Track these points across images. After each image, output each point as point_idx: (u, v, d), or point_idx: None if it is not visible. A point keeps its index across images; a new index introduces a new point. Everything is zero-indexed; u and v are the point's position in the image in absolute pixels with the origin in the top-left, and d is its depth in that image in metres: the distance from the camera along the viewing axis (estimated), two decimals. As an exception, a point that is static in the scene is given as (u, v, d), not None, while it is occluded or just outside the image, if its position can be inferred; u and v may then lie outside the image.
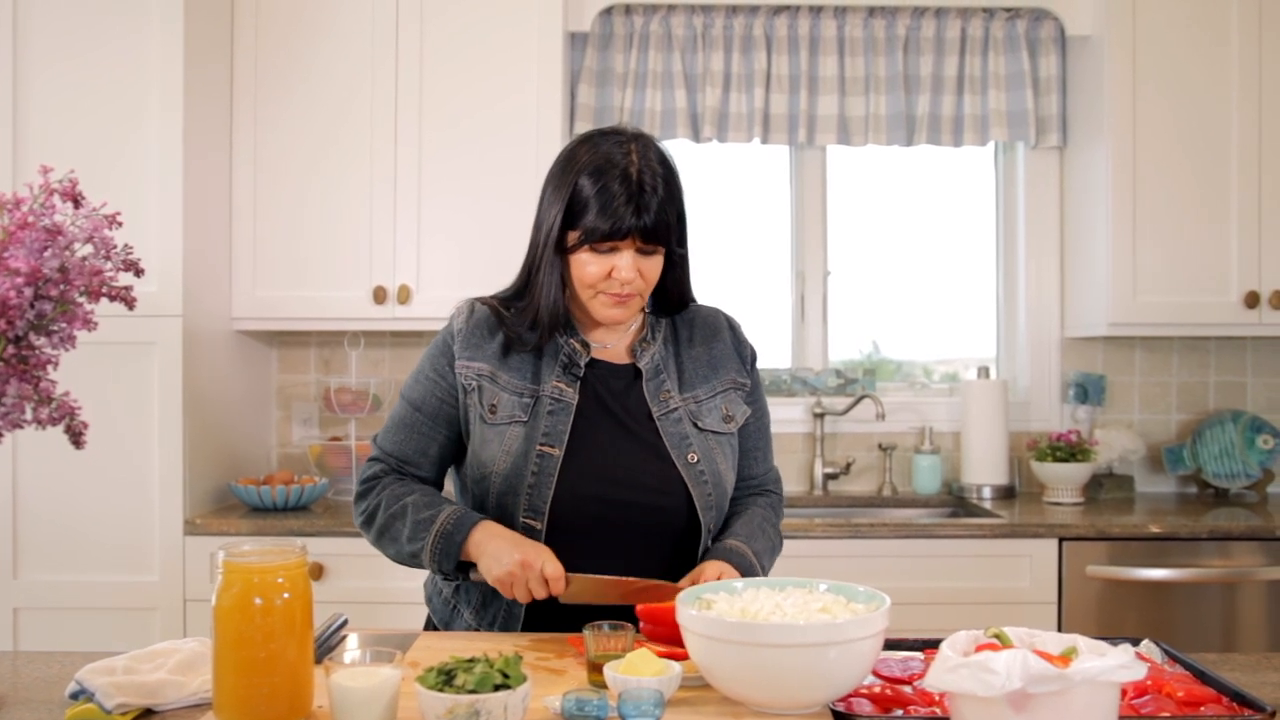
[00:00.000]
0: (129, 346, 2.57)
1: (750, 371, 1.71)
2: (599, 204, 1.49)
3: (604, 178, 1.49)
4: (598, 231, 1.49)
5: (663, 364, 1.64)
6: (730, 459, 1.63)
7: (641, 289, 1.55)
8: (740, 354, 1.70)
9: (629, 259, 1.51)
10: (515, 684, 1.09)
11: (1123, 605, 2.61)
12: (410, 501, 1.55)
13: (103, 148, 2.60)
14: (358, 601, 2.56)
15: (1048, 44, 3.19)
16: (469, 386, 1.59)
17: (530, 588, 1.43)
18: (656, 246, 1.53)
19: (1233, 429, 3.11)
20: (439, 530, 1.50)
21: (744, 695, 1.14)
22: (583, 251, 1.52)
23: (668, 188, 1.52)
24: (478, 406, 1.58)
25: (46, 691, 1.30)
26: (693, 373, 1.65)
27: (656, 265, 1.56)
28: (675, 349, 1.67)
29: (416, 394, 1.63)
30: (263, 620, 1.10)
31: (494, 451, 1.55)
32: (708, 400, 1.63)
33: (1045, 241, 3.29)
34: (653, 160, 1.52)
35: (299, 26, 2.89)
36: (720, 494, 1.60)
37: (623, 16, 3.17)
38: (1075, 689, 0.99)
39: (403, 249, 2.88)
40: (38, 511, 2.58)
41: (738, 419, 1.65)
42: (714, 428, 1.61)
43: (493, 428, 1.56)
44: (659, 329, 1.67)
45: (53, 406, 1.11)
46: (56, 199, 1.13)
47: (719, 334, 1.70)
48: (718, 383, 1.65)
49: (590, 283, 1.54)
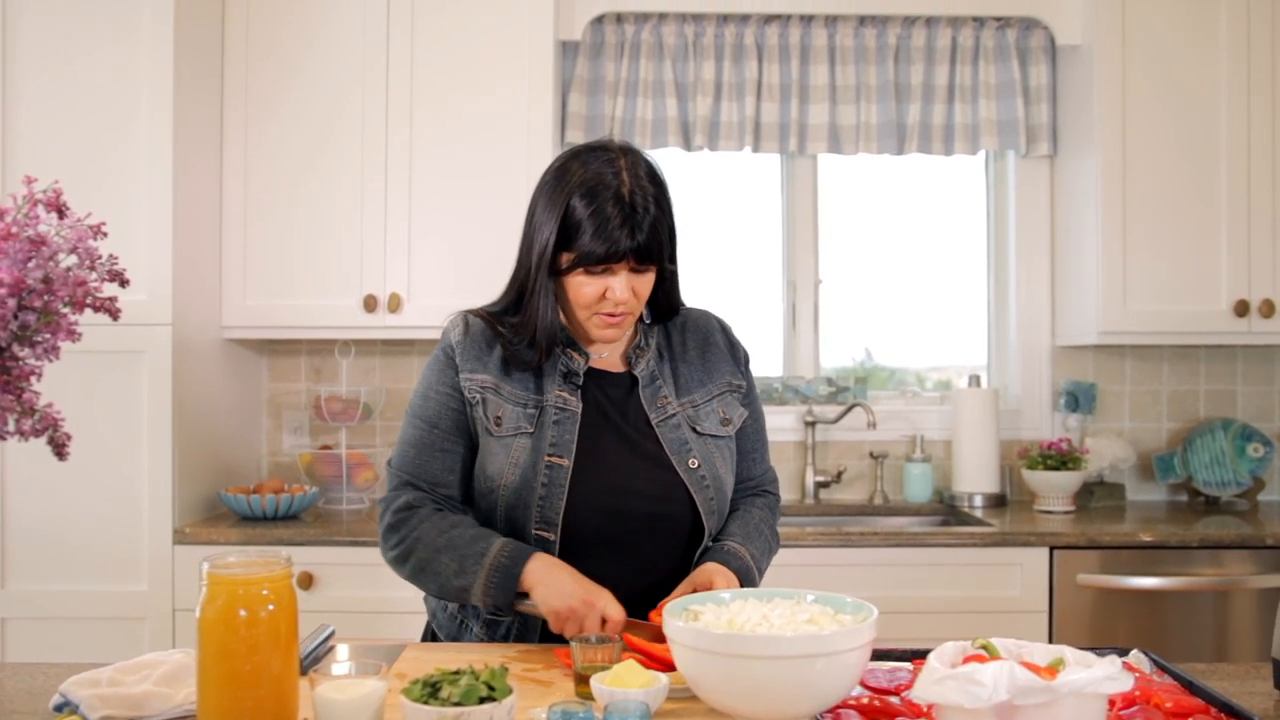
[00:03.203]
0: (119, 355, 2.57)
1: (744, 373, 1.71)
2: (593, 226, 1.47)
3: (597, 199, 1.47)
4: (593, 255, 1.48)
5: (658, 370, 1.64)
6: (729, 462, 1.63)
7: (635, 308, 1.55)
8: (734, 356, 1.70)
9: (623, 280, 1.51)
10: (501, 696, 1.08)
11: (1114, 614, 2.61)
12: (455, 535, 1.51)
13: (92, 156, 2.59)
14: (348, 611, 2.56)
15: (1038, 53, 3.20)
16: (473, 400, 1.58)
17: (585, 625, 1.41)
18: (650, 265, 1.53)
19: (1223, 437, 3.12)
20: (493, 564, 1.46)
21: (731, 707, 1.14)
22: (577, 274, 1.51)
23: (659, 205, 1.52)
24: (483, 419, 1.57)
25: (30, 703, 1.29)
26: (688, 378, 1.65)
27: (649, 282, 1.56)
28: (669, 355, 1.67)
29: (430, 411, 1.59)
30: (247, 632, 1.09)
31: (501, 464, 1.55)
32: (705, 405, 1.63)
33: (1036, 250, 3.30)
34: (643, 178, 1.51)
35: (289, 35, 2.89)
36: (721, 497, 1.60)
37: (614, 25, 3.18)
38: (1062, 701, 1.00)
39: (393, 258, 2.88)
40: (25, 520, 2.57)
41: (735, 421, 1.65)
42: (712, 431, 1.61)
43: (498, 440, 1.56)
44: (652, 336, 1.67)
45: (36, 418, 1.11)
46: (41, 209, 1.12)
47: (711, 337, 1.70)
48: (713, 386, 1.65)
49: (585, 304, 1.53)
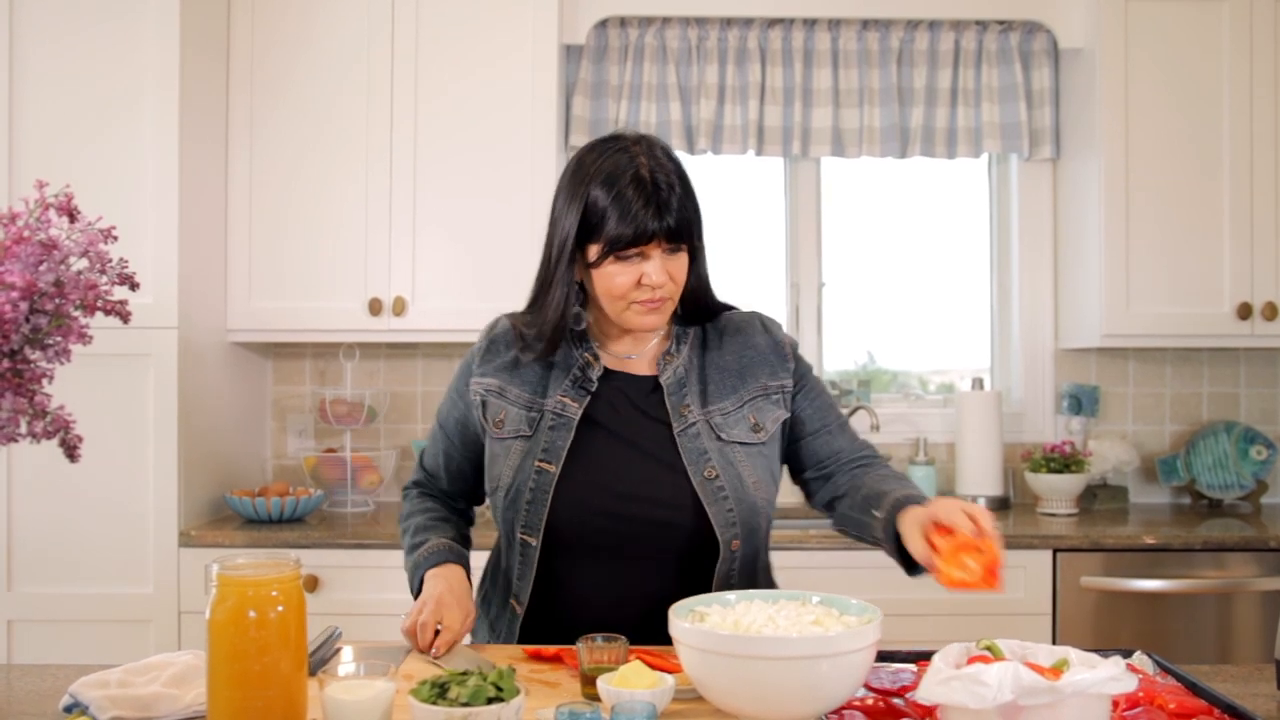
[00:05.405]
0: (124, 358, 2.58)
1: (790, 366, 1.62)
2: (617, 211, 1.45)
3: (617, 184, 1.45)
4: (622, 239, 1.45)
5: (686, 376, 1.58)
6: (764, 469, 1.56)
7: (673, 292, 1.52)
8: (776, 354, 1.62)
9: (657, 263, 1.47)
10: (509, 697, 1.09)
11: (1117, 616, 2.61)
12: (412, 522, 1.68)
13: (98, 159, 2.60)
14: (353, 614, 2.56)
15: (1040, 56, 3.20)
16: (475, 402, 1.61)
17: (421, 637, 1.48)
18: (681, 245, 1.50)
19: (1226, 440, 3.12)
20: (414, 561, 1.62)
21: (736, 708, 1.14)
22: (608, 264, 1.48)
23: (683, 183, 1.50)
24: (486, 422, 1.60)
25: (40, 705, 1.30)
26: (718, 383, 1.58)
27: (683, 264, 1.52)
28: (701, 359, 1.60)
29: (442, 411, 1.70)
30: (257, 633, 1.10)
31: (500, 467, 1.56)
32: (735, 412, 1.56)
33: (1039, 253, 3.30)
34: (661, 158, 1.50)
35: (294, 40, 2.90)
36: (747, 509, 1.52)
37: (618, 29, 3.18)
38: (1066, 701, 1.00)
39: (398, 261, 2.89)
40: (32, 523, 2.58)
41: (768, 427, 1.57)
42: (741, 439, 1.55)
43: (500, 443, 1.58)
44: (685, 339, 1.61)
45: (48, 420, 1.11)
46: (52, 213, 1.13)
47: (751, 339, 1.62)
48: (745, 391, 1.58)
49: (621, 293, 1.49)
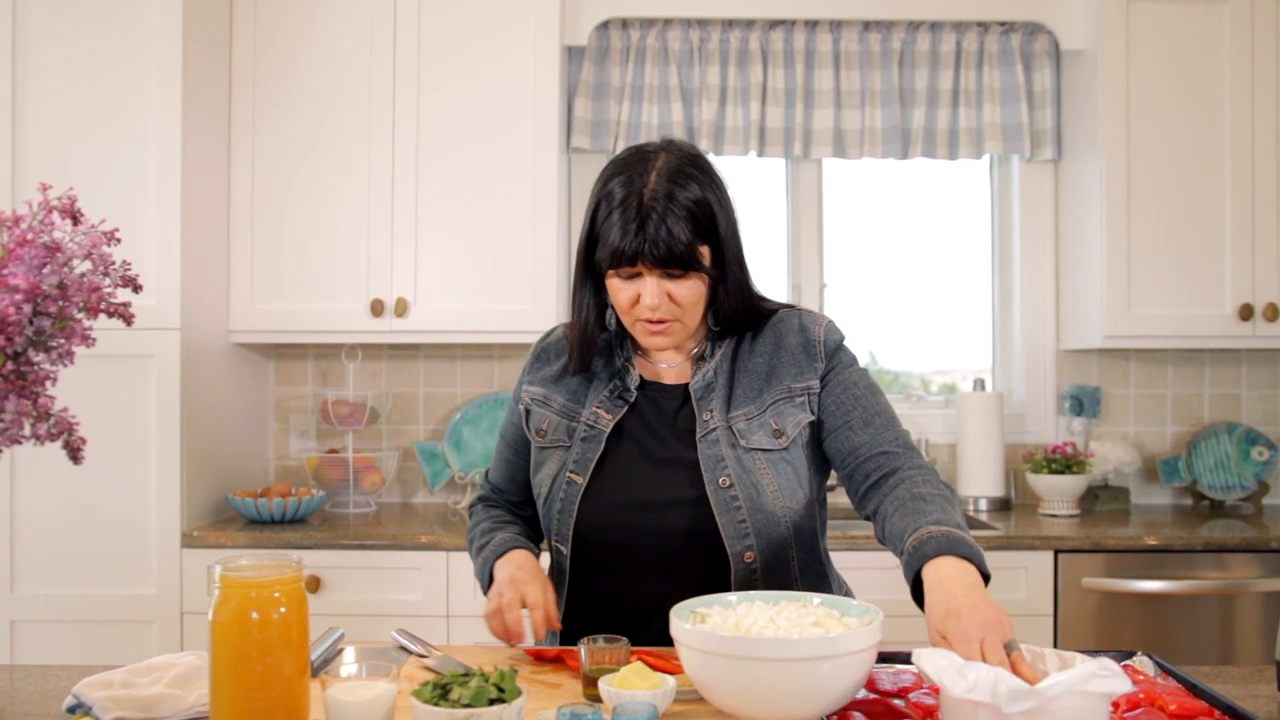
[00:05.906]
0: (127, 359, 2.58)
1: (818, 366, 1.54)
2: (610, 228, 1.43)
3: (614, 200, 1.44)
4: (610, 257, 1.44)
5: (715, 381, 1.54)
6: (788, 477, 1.50)
7: (678, 314, 1.47)
8: (808, 353, 1.54)
9: (653, 285, 1.44)
10: (510, 698, 1.09)
11: (1119, 617, 2.62)
12: (479, 528, 1.66)
13: (101, 162, 2.61)
14: (355, 614, 2.56)
15: (1042, 58, 3.21)
16: (521, 411, 1.63)
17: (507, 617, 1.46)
18: (682, 271, 1.44)
19: (1227, 441, 3.12)
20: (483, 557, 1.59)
21: (738, 709, 1.15)
22: (612, 277, 1.47)
23: (684, 208, 1.42)
24: (530, 430, 1.61)
25: (43, 705, 1.30)
26: (745, 388, 1.53)
27: (691, 288, 1.45)
28: (733, 365, 1.56)
29: (503, 422, 1.71)
30: (259, 635, 1.10)
31: (541, 475, 1.58)
32: (757, 417, 1.51)
33: (1040, 254, 3.30)
34: (665, 180, 1.43)
35: (296, 42, 2.90)
36: (764, 519, 1.48)
37: (619, 30, 3.19)
38: (1058, 703, 1.00)
39: (400, 262, 2.89)
40: (35, 524, 2.59)
41: (789, 432, 1.51)
42: (761, 445, 1.49)
43: (541, 451, 1.59)
44: (719, 347, 1.57)
45: (51, 422, 1.12)
46: (55, 216, 1.13)
47: (784, 340, 1.56)
48: (769, 395, 1.52)
49: (624, 308, 1.48)
